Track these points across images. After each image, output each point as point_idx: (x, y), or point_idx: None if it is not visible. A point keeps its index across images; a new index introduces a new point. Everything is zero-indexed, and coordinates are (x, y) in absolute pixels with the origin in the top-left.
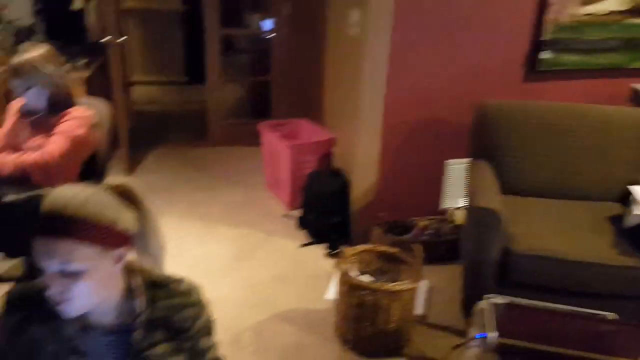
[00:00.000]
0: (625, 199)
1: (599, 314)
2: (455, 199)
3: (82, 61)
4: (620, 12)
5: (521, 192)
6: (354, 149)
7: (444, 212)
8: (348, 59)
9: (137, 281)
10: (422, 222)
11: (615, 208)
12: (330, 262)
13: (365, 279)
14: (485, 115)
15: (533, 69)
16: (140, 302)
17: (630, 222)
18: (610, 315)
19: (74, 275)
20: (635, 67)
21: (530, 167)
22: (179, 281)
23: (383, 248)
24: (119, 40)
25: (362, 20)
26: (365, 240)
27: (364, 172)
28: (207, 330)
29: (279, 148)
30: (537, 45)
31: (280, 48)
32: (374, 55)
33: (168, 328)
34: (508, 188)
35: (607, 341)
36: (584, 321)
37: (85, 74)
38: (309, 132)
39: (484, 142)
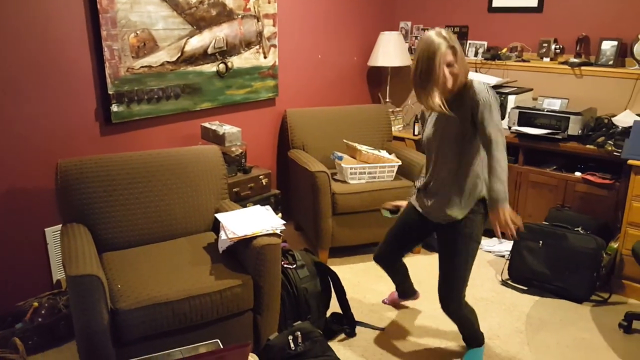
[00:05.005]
0: (217, 226)
1: (203, 345)
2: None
3: None
4: (173, 62)
5: (121, 246)
6: None
7: (58, 284)
8: None
9: None
10: (35, 302)
11: (211, 236)
12: None
13: None
14: (67, 176)
15: (108, 123)
16: None
17: (221, 246)
18: (213, 342)
19: None
20: (200, 109)
21: (125, 218)
22: None
23: None
24: None
25: None
26: None
27: None
28: None
29: None
30: (106, 99)
31: None
32: None
33: None
34: (107, 245)
35: None
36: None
37: None
38: None
39: (71, 203)
